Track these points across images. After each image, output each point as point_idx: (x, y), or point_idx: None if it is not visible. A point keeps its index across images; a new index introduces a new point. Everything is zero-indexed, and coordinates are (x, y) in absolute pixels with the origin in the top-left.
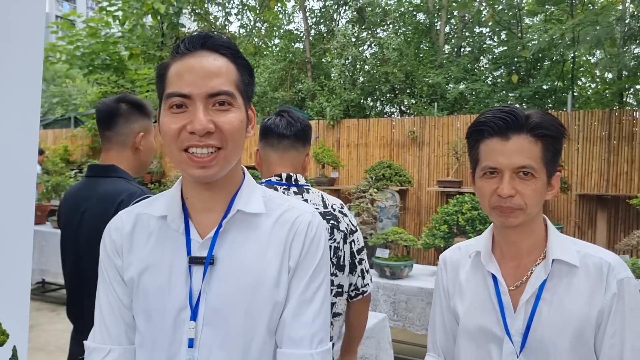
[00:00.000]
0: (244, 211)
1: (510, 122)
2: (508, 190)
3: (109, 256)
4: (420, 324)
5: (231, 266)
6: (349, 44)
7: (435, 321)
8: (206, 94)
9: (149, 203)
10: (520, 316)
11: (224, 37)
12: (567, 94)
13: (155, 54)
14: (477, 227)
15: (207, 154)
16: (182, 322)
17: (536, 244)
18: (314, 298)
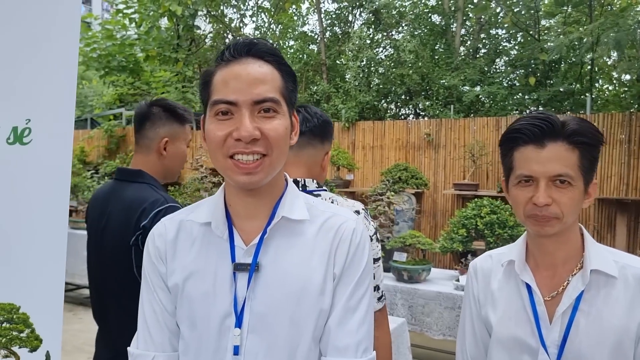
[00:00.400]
0: (289, 218)
1: (546, 129)
2: (544, 199)
3: (152, 263)
4: (437, 329)
5: (276, 273)
6: (364, 46)
7: (464, 330)
8: (252, 100)
9: (192, 210)
10: (557, 327)
11: (268, 44)
12: (585, 96)
13: (170, 56)
14: (495, 231)
15: (252, 161)
16: (226, 330)
17: (572, 254)
18: (358, 306)
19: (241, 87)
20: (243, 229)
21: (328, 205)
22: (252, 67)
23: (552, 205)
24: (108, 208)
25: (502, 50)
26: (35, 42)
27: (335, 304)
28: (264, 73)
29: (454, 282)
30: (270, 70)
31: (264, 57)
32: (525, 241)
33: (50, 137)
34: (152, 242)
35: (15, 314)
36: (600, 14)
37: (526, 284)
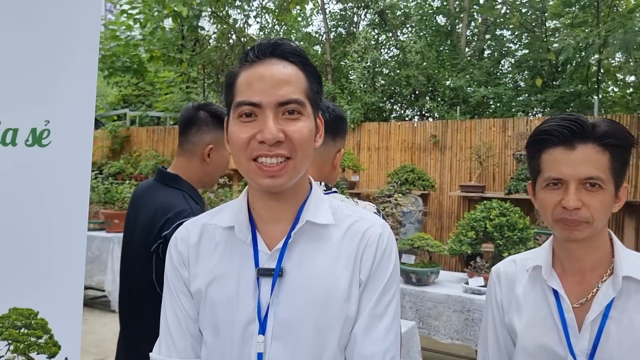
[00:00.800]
0: (313, 222)
1: (577, 130)
2: (574, 202)
3: (175, 267)
4: (445, 333)
5: (300, 278)
6: (370, 47)
7: (487, 337)
8: (276, 102)
9: (214, 213)
10: (586, 335)
11: (293, 45)
12: (592, 98)
13: (175, 57)
14: (505, 234)
15: (276, 164)
16: (250, 336)
17: (601, 259)
18: (385, 313)
19: (265, 89)
20: (267, 233)
21: (354, 209)
22: (276, 68)
23: (582, 209)
24: (139, 209)
25: (508, 51)
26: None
27: (361, 311)
28: (289, 74)
29: (463, 284)
30: (295, 71)
31: (288, 58)
32: (551, 246)
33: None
34: (175, 247)
35: (34, 320)
36: (607, 15)
37: (553, 290)
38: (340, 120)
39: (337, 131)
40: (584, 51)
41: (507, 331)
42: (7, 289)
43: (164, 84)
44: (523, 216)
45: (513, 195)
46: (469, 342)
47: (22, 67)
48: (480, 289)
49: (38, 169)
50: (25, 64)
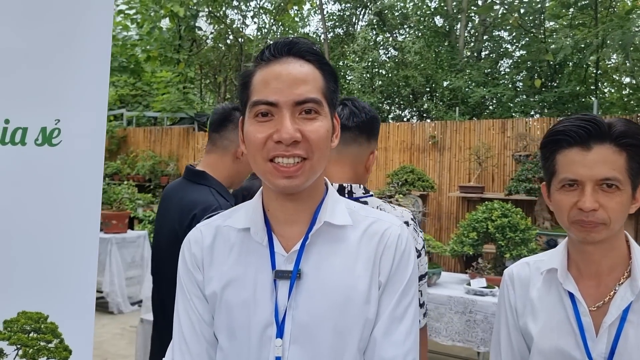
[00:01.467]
0: (331, 223)
1: (593, 130)
2: (591, 204)
3: (188, 270)
4: (446, 334)
5: (318, 281)
6: (368, 47)
7: (500, 341)
8: (293, 101)
9: (229, 215)
10: (603, 339)
11: (309, 43)
12: (590, 98)
13: (172, 57)
14: (507, 235)
15: (293, 164)
16: (267, 340)
17: (618, 262)
18: (405, 315)
19: (282, 88)
20: (283, 235)
21: (370, 210)
22: (292, 67)
23: (599, 211)
24: (167, 208)
25: (506, 52)
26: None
27: (380, 314)
28: (305, 73)
29: (465, 286)
30: (312, 69)
31: (305, 57)
32: (566, 248)
33: (81, 137)
34: (188, 249)
35: (43, 324)
36: (605, 16)
37: (569, 293)
38: (376, 120)
39: (372, 132)
40: (582, 52)
41: (522, 335)
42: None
43: (161, 84)
44: (524, 217)
45: (513, 196)
46: (470, 343)
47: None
48: (482, 290)
49: (48, 169)
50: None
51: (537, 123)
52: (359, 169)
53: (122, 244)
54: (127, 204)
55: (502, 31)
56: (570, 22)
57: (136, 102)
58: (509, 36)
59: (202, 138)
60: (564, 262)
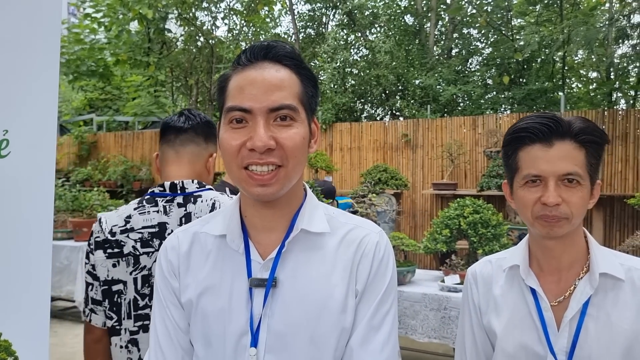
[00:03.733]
0: (308, 230)
1: (554, 127)
2: (554, 199)
3: (165, 277)
4: (422, 332)
5: (294, 289)
6: (339, 47)
7: (464, 340)
8: (267, 108)
9: (206, 221)
10: (565, 333)
11: (287, 47)
12: (557, 94)
13: (142, 60)
14: (479, 231)
15: (267, 172)
16: (243, 349)
17: (577, 257)
18: (382, 324)
19: (256, 94)
20: (260, 242)
21: (350, 216)
22: (268, 72)
23: (562, 205)
24: None
25: (476, 49)
26: (11, 49)
27: (357, 322)
28: (281, 78)
29: (439, 283)
30: (289, 75)
31: (282, 61)
32: (527, 245)
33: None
34: (165, 256)
35: None
36: (570, 12)
37: (531, 289)
38: (210, 124)
39: (208, 135)
40: (549, 48)
41: (485, 333)
42: None
43: (132, 88)
44: (496, 213)
45: (485, 192)
46: (446, 340)
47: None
48: (456, 287)
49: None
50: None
51: (507, 119)
52: (197, 167)
53: None
54: (99, 210)
55: (471, 29)
56: (537, 19)
57: (106, 106)
58: (478, 34)
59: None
60: (526, 259)
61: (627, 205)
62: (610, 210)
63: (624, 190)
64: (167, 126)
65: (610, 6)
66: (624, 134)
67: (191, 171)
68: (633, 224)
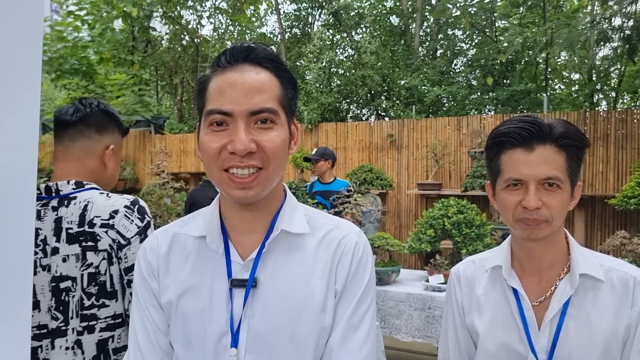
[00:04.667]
0: (288, 231)
1: (535, 132)
2: (535, 202)
3: (144, 278)
4: (406, 331)
5: (274, 289)
6: (325, 47)
7: (447, 339)
8: (248, 111)
9: (186, 221)
10: (545, 333)
11: (267, 49)
12: (540, 95)
13: (126, 59)
14: (463, 231)
15: (248, 175)
16: (223, 349)
17: (558, 258)
18: (361, 323)
19: (237, 97)
20: (240, 243)
21: (329, 217)
22: (249, 75)
23: (542, 209)
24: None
25: (460, 50)
26: None
27: (336, 322)
28: (262, 81)
29: (424, 282)
30: (269, 77)
31: (262, 64)
32: (510, 246)
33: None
34: (144, 257)
35: None
36: (553, 15)
37: (513, 289)
38: (105, 115)
39: (102, 125)
40: (532, 50)
41: (468, 332)
42: None
43: (116, 87)
44: (480, 213)
45: (469, 192)
46: (430, 339)
47: None
48: (440, 287)
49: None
50: None
51: (491, 120)
52: (89, 163)
53: None
54: None
55: (456, 30)
56: (520, 21)
57: None
58: (463, 35)
59: (159, 141)
60: (508, 259)
61: (608, 206)
62: (591, 211)
63: (605, 191)
64: (55, 120)
65: (591, 9)
66: (605, 135)
67: (81, 168)
68: (614, 224)
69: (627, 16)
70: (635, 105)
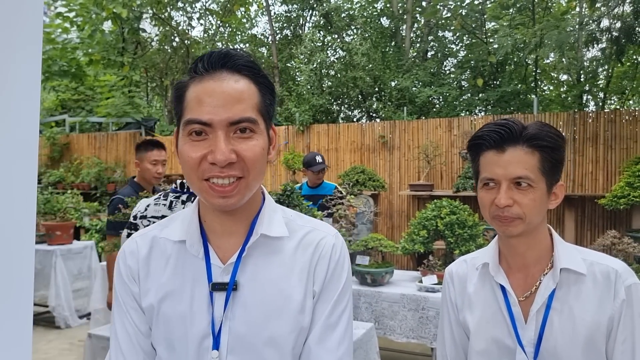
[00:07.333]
0: (267, 235)
1: (505, 134)
2: (505, 200)
3: (124, 282)
4: (400, 332)
5: (255, 292)
6: (316, 49)
7: (444, 336)
8: (227, 121)
9: (165, 224)
10: (532, 326)
11: (245, 56)
12: (530, 96)
13: (115, 60)
14: (455, 232)
15: (228, 184)
16: (205, 351)
17: (542, 254)
18: (338, 323)
19: (216, 107)
20: (219, 247)
21: (307, 219)
22: (227, 84)
23: (514, 207)
24: None
25: (450, 52)
26: None
27: (315, 321)
28: (240, 90)
29: (417, 283)
30: (247, 85)
31: (240, 71)
32: (497, 244)
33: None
34: (123, 261)
35: None
36: (542, 17)
37: (501, 286)
38: None
39: None
40: (521, 51)
41: (462, 329)
42: None
43: (105, 88)
44: (472, 213)
45: (461, 192)
46: (424, 339)
47: None
48: (433, 287)
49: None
50: None
51: (482, 120)
52: None
53: (67, 256)
54: (72, 213)
55: (446, 32)
56: (510, 23)
57: (79, 107)
58: (453, 37)
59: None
60: (496, 257)
61: (598, 205)
62: (581, 210)
63: (594, 191)
64: None
65: (580, 11)
66: (594, 136)
67: None
68: (603, 224)
69: (615, 18)
70: (624, 106)
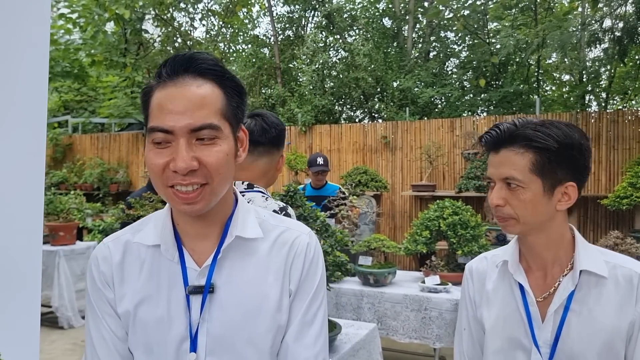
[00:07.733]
0: (242, 237)
1: (497, 136)
2: (495, 200)
3: (98, 289)
4: (403, 332)
5: (231, 293)
6: (318, 50)
7: (462, 332)
8: (189, 128)
9: (137, 229)
10: (549, 327)
11: (209, 59)
12: (532, 96)
13: (118, 61)
14: (458, 232)
15: (192, 190)
16: (184, 354)
17: (561, 255)
18: (314, 319)
19: (177, 113)
20: (194, 249)
21: (280, 218)
22: (189, 89)
23: (505, 207)
24: None
25: (453, 52)
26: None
27: (291, 319)
28: (203, 95)
29: (420, 284)
30: (211, 89)
31: (204, 75)
32: (517, 243)
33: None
34: (96, 267)
35: None
36: (544, 17)
37: (519, 284)
38: (283, 132)
39: (281, 142)
40: (524, 51)
41: (479, 325)
42: None
43: (108, 89)
44: (474, 214)
45: (463, 193)
46: (426, 340)
47: None
48: (436, 288)
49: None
50: None
51: (484, 121)
52: (269, 174)
53: (70, 256)
54: (75, 214)
55: (448, 32)
56: (512, 23)
57: (81, 108)
58: (455, 37)
59: None
60: (515, 255)
61: (601, 206)
62: (584, 211)
63: (597, 191)
64: None
65: (582, 11)
66: (597, 136)
67: (261, 175)
68: (606, 224)
69: (618, 18)
70: (626, 107)
